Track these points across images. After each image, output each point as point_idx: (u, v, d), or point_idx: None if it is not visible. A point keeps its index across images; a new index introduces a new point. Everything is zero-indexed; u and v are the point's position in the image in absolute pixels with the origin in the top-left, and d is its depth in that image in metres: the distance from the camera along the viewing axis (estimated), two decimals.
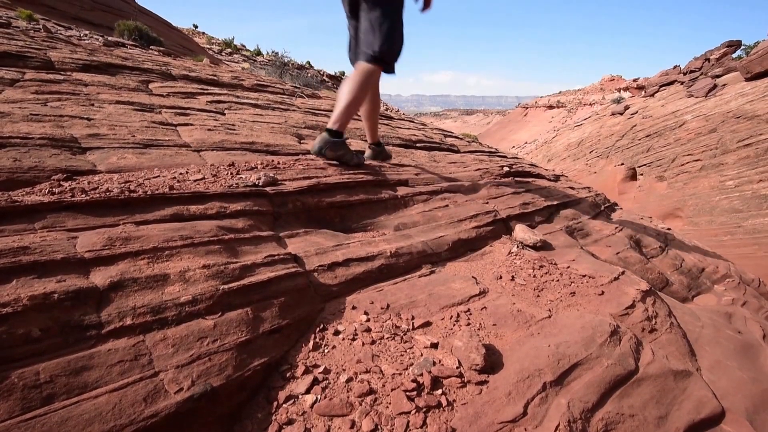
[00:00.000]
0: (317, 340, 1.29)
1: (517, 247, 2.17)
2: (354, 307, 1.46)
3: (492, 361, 1.23)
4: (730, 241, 7.98)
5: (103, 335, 1.02)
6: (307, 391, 1.10)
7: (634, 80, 32.54)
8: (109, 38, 6.92)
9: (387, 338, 1.31)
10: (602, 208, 3.73)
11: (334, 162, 2.49)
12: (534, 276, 1.85)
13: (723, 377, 1.54)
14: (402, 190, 2.47)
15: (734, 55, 18.04)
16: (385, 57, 2.33)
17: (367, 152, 2.85)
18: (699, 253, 3.48)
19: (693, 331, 1.83)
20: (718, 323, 2.11)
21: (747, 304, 2.81)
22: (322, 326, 1.35)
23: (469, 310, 1.52)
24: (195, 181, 1.89)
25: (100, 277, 1.13)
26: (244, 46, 23.19)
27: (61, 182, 1.68)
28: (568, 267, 1.97)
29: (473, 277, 1.80)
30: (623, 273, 1.97)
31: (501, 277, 1.83)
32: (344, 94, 2.35)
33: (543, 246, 2.26)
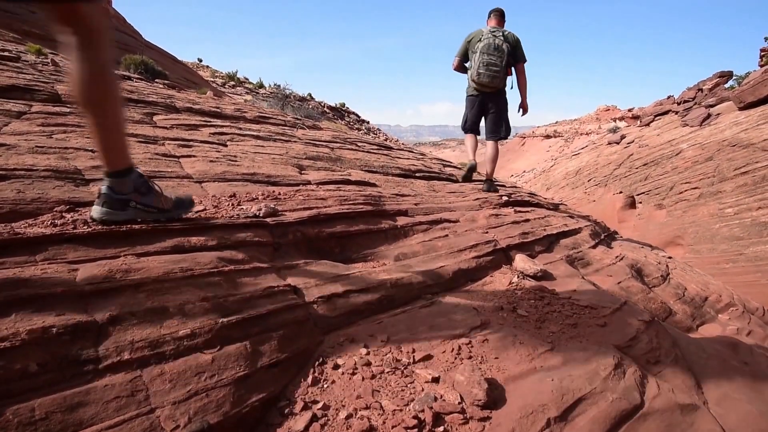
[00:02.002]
0: (316, 374, 1.27)
1: (518, 277, 2.16)
2: (354, 340, 1.44)
3: (494, 396, 1.21)
4: (733, 269, 7.93)
5: (100, 370, 1.01)
6: (306, 429, 1.07)
7: (629, 110, 33.14)
8: (116, 72, 7.10)
9: (387, 372, 1.29)
10: (602, 236, 3.74)
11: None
12: (535, 307, 1.84)
13: (731, 411, 1.50)
14: (402, 220, 2.48)
15: (726, 85, 18.44)
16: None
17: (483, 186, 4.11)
18: (701, 282, 3.46)
19: (698, 362, 1.80)
20: (724, 354, 2.08)
21: (752, 334, 2.78)
22: (321, 360, 1.33)
23: (470, 342, 1.50)
24: (196, 212, 1.90)
25: (99, 311, 1.13)
26: (247, 78, 23.77)
27: (64, 214, 1.69)
28: (570, 297, 1.96)
29: (474, 308, 1.78)
30: (625, 303, 1.96)
31: (502, 308, 1.82)
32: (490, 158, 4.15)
33: (544, 276, 2.25)
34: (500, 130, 4.14)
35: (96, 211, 1.51)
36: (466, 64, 4.07)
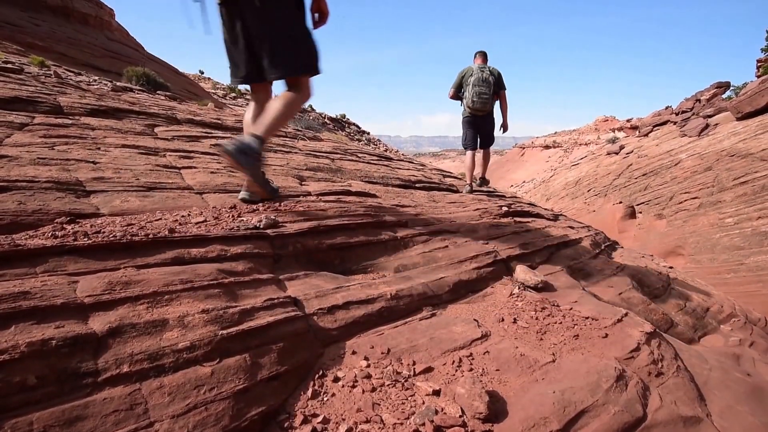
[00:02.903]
0: (316, 387, 1.26)
1: (519, 288, 2.15)
2: (354, 352, 1.44)
3: (496, 409, 1.20)
4: (734, 279, 7.91)
5: (99, 383, 1.00)
6: None
7: (628, 120, 33.35)
8: (118, 84, 7.16)
9: (388, 385, 1.28)
10: (603, 247, 3.73)
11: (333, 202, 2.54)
12: (536, 318, 1.83)
13: (735, 423, 1.49)
14: (402, 231, 2.48)
15: (724, 96, 18.58)
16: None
17: None
18: (703, 292, 3.45)
19: (701, 374, 1.79)
20: (727, 365, 2.06)
21: (755, 345, 2.76)
22: (321, 372, 1.32)
23: (471, 354, 1.49)
24: (197, 223, 1.90)
25: (99, 323, 1.12)
26: (248, 90, 23.99)
27: (64, 225, 1.69)
28: (571, 309, 1.96)
29: (475, 319, 1.78)
30: (626, 314, 1.95)
31: (503, 320, 1.81)
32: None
33: (544, 287, 2.25)
34: (491, 141, 5.49)
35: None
36: (460, 94, 5.17)
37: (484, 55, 5.22)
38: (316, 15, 2.18)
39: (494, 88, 4.97)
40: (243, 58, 2.13)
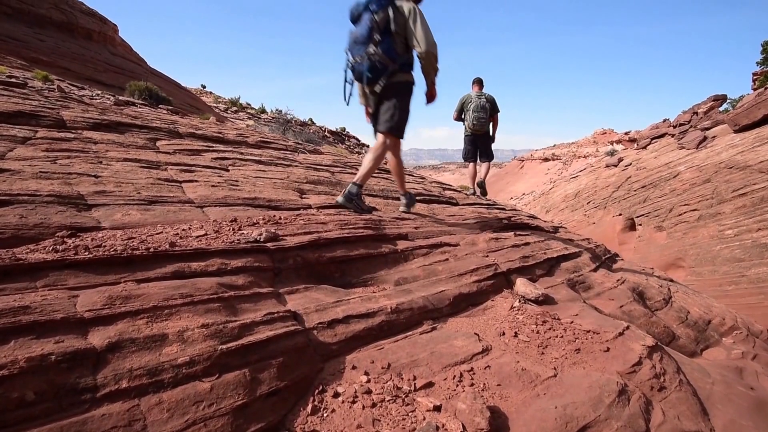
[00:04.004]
0: (316, 403, 1.25)
1: (519, 301, 2.15)
2: (354, 367, 1.43)
3: (497, 425, 1.19)
4: (735, 291, 7.87)
5: (97, 399, 1.00)
6: None
7: (626, 133, 33.55)
8: (120, 98, 7.23)
9: (388, 400, 1.27)
10: (603, 259, 3.73)
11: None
12: (537, 332, 1.83)
13: None
14: (402, 244, 2.48)
15: (721, 109, 18.71)
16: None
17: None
18: (704, 305, 3.44)
19: (704, 388, 1.77)
20: (729, 379, 2.05)
21: (757, 358, 2.74)
22: (321, 388, 1.31)
23: (472, 369, 1.48)
24: (197, 237, 1.91)
25: (98, 338, 1.12)
26: (249, 104, 24.17)
27: (65, 239, 1.70)
28: (572, 322, 1.95)
29: (475, 333, 1.77)
30: (628, 328, 1.94)
31: (504, 334, 1.81)
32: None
33: (545, 300, 2.24)
34: (490, 156, 6.78)
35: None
36: (462, 117, 6.54)
37: (480, 83, 6.50)
38: (428, 97, 3.09)
39: (490, 112, 6.41)
40: (374, 116, 3.13)
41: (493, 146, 6.76)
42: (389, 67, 2.82)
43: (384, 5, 2.74)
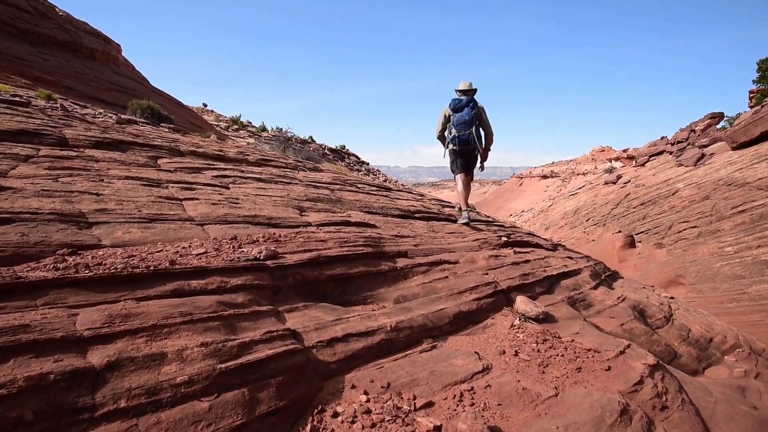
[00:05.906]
0: (315, 422, 1.24)
1: (519, 319, 2.14)
2: (353, 386, 1.42)
3: None
4: (736, 309, 7.82)
5: (96, 419, 0.99)
6: None
7: (624, 150, 33.79)
8: (122, 116, 7.31)
9: (388, 420, 1.26)
10: (603, 277, 3.72)
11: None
12: (538, 351, 1.82)
13: None
14: (401, 262, 2.49)
15: (718, 126, 18.89)
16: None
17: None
18: (705, 322, 3.42)
19: (706, 407, 1.76)
20: (732, 398, 2.03)
21: (760, 376, 2.72)
22: (320, 407, 1.30)
23: (472, 388, 1.47)
24: (197, 255, 1.91)
25: (97, 357, 1.12)
26: (250, 122, 24.40)
27: (66, 257, 1.70)
28: (573, 340, 1.94)
29: (476, 352, 1.76)
30: (629, 346, 1.93)
31: (504, 352, 1.80)
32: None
33: (545, 318, 2.23)
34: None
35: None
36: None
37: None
38: (484, 158, 4.83)
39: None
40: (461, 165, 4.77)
41: (490, 163, 6.74)
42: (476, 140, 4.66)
43: (477, 106, 4.62)
